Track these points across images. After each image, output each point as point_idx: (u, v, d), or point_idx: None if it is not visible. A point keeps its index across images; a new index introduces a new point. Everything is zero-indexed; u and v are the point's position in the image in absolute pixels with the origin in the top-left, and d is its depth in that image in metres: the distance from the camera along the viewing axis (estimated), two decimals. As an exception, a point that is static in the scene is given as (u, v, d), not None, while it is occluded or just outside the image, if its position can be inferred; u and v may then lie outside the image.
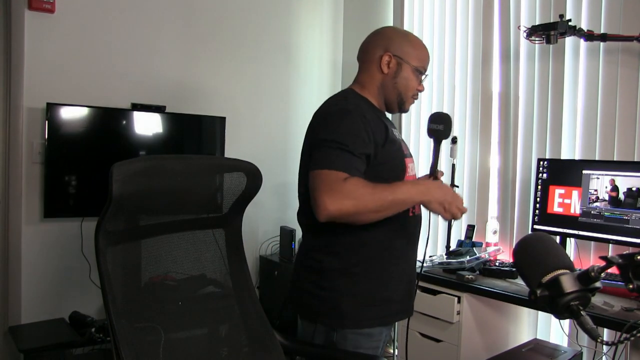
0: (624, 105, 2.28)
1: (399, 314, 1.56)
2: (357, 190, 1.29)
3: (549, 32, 2.21)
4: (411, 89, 1.56)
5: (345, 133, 1.36)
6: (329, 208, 1.27)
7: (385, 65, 1.50)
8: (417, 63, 1.53)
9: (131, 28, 2.84)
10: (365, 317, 1.46)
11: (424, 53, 1.56)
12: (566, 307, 0.87)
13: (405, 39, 1.54)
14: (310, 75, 3.55)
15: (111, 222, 1.20)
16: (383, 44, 1.52)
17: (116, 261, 1.22)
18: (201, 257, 1.42)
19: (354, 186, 1.29)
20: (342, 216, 1.30)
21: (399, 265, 1.51)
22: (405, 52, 1.52)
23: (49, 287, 2.63)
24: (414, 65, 1.52)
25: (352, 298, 1.45)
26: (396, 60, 1.51)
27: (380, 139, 1.43)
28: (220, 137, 3.01)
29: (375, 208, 1.32)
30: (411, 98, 1.58)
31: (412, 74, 1.53)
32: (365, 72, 1.55)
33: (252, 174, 1.43)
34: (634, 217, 2.07)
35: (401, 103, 1.56)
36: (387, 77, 1.52)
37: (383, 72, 1.51)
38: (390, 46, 1.51)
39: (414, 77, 1.54)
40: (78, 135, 2.56)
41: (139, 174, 1.23)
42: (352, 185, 1.29)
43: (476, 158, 2.85)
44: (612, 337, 1.94)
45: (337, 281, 1.45)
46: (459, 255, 2.41)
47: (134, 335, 1.20)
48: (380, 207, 1.32)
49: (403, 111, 1.62)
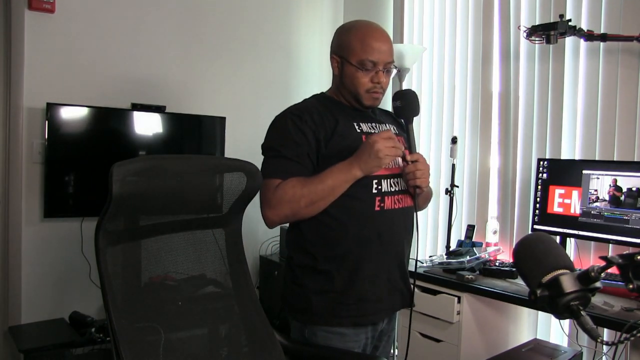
0: (624, 105, 2.27)
1: (377, 313, 1.54)
2: (286, 194, 1.42)
3: (549, 32, 2.21)
4: (361, 85, 1.51)
5: (276, 138, 1.50)
6: (270, 217, 1.46)
7: (335, 67, 1.56)
8: (358, 58, 1.49)
9: (131, 28, 2.84)
10: (336, 315, 1.47)
11: (369, 45, 1.48)
12: (566, 307, 0.86)
13: (349, 36, 1.52)
14: (310, 75, 3.55)
15: (111, 222, 1.20)
16: (332, 46, 1.58)
17: (116, 261, 1.22)
18: (201, 257, 1.42)
19: (283, 191, 1.42)
20: (283, 221, 1.48)
21: (374, 263, 1.50)
22: (346, 49, 1.51)
23: (49, 287, 2.63)
24: (354, 62, 1.49)
25: (323, 295, 1.47)
26: (340, 60, 1.54)
27: (325, 134, 1.48)
28: (220, 137, 3.01)
29: (309, 202, 1.42)
30: (367, 93, 1.53)
31: (355, 72, 1.50)
32: (333, 74, 1.61)
33: (252, 174, 1.43)
34: (634, 217, 2.07)
35: (357, 100, 1.55)
36: (338, 78, 1.58)
37: (334, 73, 1.58)
38: (335, 47, 1.57)
39: (358, 73, 1.50)
40: (78, 135, 2.56)
41: (139, 173, 1.23)
42: (281, 191, 1.42)
43: (476, 158, 2.85)
44: (612, 337, 1.94)
45: (307, 278, 1.50)
46: (459, 255, 2.41)
47: (134, 335, 1.20)
48: (313, 199, 1.42)
49: (365, 107, 1.57)
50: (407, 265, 1.63)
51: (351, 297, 1.48)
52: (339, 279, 1.47)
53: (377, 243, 1.49)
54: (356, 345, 1.50)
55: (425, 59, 3.12)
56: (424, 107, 3.17)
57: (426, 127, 3.15)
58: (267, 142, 1.53)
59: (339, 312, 1.47)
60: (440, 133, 3.05)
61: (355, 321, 1.49)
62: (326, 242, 1.48)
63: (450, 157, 2.69)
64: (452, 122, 2.99)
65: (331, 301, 1.47)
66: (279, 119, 1.54)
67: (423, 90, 3.17)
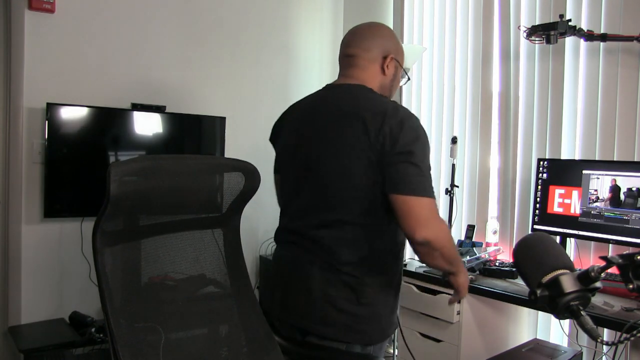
0: (624, 105, 2.27)
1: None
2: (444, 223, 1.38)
3: (549, 32, 2.21)
4: (396, 91, 1.62)
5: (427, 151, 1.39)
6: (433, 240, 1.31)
7: (387, 66, 1.51)
8: (404, 64, 1.58)
9: (131, 28, 2.84)
10: (393, 324, 1.50)
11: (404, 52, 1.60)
12: (566, 307, 0.86)
13: (398, 41, 1.58)
14: (310, 75, 3.55)
15: (109, 223, 1.19)
16: (385, 46, 1.51)
17: (115, 261, 1.22)
18: (200, 257, 1.41)
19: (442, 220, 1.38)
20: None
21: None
22: (401, 55, 1.56)
23: (49, 287, 2.63)
24: (405, 67, 1.60)
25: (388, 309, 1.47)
26: (395, 63, 1.53)
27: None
28: (220, 137, 3.01)
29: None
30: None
31: (400, 77, 1.60)
32: (365, 71, 1.50)
33: (251, 174, 1.42)
34: (634, 217, 2.07)
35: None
36: (386, 79, 1.53)
37: (384, 73, 1.51)
38: (392, 48, 1.52)
39: (400, 79, 1.61)
40: (78, 135, 2.56)
41: (137, 173, 1.22)
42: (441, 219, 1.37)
43: (476, 158, 2.85)
44: (612, 337, 1.94)
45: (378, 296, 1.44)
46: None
47: (133, 335, 1.20)
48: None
49: None
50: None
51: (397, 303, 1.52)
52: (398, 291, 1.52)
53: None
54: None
55: (425, 59, 3.12)
56: (424, 107, 3.17)
57: (426, 127, 3.13)
58: (422, 152, 1.35)
59: (393, 320, 1.50)
60: (440, 133, 3.05)
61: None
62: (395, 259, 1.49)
63: (450, 157, 2.69)
64: (452, 122, 2.99)
65: (392, 311, 1.48)
66: (422, 127, 1.39)
67: (423, 90, 3.17)
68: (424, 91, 3.16)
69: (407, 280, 2.34)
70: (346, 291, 1.38)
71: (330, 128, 1.40)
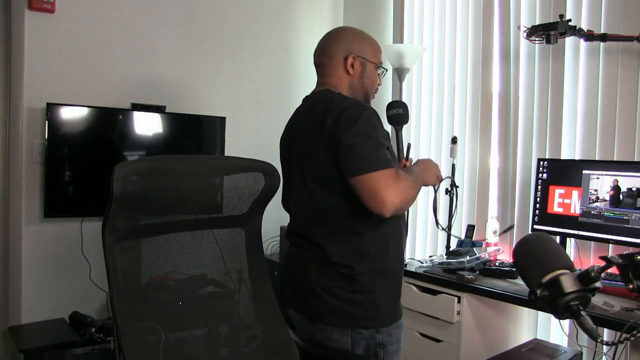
0: (624, 105, 2.27)
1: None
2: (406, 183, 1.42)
3: (549, 32, 2.21)
4: (374, 85, 1.65)
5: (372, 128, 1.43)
6: (395, 203, 1.37)
7: (350, 66, 1.58)
8: (377, 60, 1.62)
9: (131, 28, 2.84)
10: (399, 310, 1.56)
11: (379, 49, 1.65)
12: (566, 307, 0.86)
13: (363, 39, 1.63)
14: (310, 75, 3.52)
15: (115, 220, 1.20)
16: (345, 47, 1.59)
17: (116, 260, 1.22)
18: (200, 257, 1.42)
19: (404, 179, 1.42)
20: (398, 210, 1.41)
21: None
22: (366, 51, 1.60)
23: (49, 287, 2.64)
24: (375, 62, 1.61)
25: (387, 295, 1.52)
26: (360, 60, 1.59)
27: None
28: (220, 137, 3.01)
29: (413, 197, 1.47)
30: (374, 92, 1.67)
31: (374, 71, 1.63)
32: (332, 76, 1.60)
33: (270, 174, 1.43)
34: (634, 217, 2.07)
35: (367, 98, 1.65)
36: (354, 78, 1.60)
37: (349, 73, 1.59)
38: (353, 48, 1.59)
39: (375, 74, 1.63)
40: (78, 135, 2.57)
41: (142, 173, 1.23)
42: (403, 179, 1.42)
43: (476, 158, 2.85)
44: (612, 337, 1.94)
45: (372, 282, 1.49)
46: (459, 255, 2.41)
47: (134, 335, 1.20)
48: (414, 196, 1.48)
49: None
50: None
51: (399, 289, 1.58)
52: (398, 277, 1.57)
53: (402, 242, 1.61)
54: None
55: (425, 59, 3.12)
56: (424, 107, 3.17)
57: (426, 127, 3.15)
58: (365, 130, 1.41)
59: (397, 305, 1.56)
60: (440, 133, 3.05)
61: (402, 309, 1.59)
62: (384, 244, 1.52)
63: (450, 157, 2.69)
64: (452, 122, 2.99)
65: (394, 297, 1.54)
66: (365, 109, 1.44)
67: (423, 90, 3.17)
68: (424, 91, 3.16)
69: (407, 280, 2.34)
70: (341, 281, 1.47)
71: (298, 139, 1.55)
